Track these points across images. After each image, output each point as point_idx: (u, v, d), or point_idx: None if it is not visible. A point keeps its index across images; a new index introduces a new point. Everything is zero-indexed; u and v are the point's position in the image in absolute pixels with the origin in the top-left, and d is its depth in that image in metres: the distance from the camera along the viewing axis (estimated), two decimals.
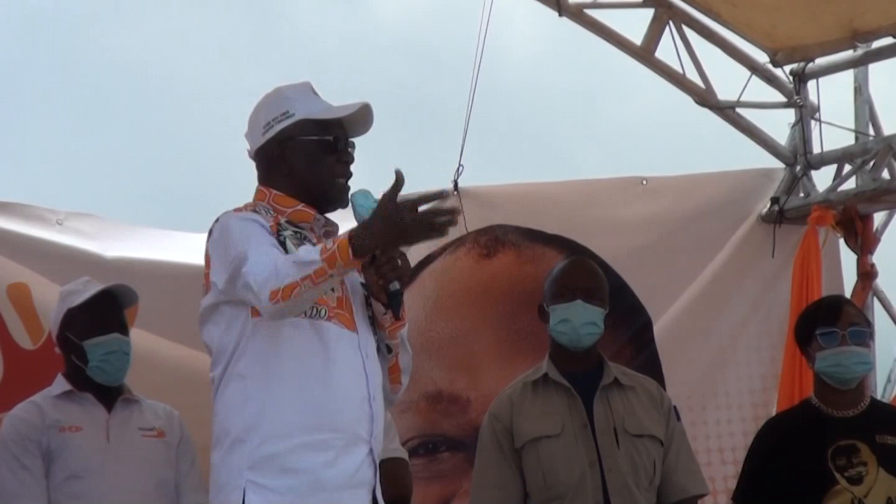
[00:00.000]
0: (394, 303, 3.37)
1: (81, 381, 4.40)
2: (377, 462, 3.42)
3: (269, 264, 3.24)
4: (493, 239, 6.15)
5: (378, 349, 3.48)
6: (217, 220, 3.45)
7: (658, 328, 6.30)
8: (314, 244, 3.39)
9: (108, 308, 4.40)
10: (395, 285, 3.34)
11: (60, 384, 4.42)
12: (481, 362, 6.02)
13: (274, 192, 3.49)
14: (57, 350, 4.51)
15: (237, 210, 3.46)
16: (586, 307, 4.18)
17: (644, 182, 6.49)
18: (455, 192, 6.14)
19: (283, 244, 3.37)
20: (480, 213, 6.15)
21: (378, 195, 3.32)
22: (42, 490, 4.25)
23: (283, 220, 3.44)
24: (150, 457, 4.38)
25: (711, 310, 6.42)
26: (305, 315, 3.34)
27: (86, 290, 4.43)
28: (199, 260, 3.50)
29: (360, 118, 3.52)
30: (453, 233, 6.07)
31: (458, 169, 6.14)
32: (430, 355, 5.97)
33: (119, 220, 5.72)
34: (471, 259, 6.12)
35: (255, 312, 3.34)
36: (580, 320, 4.17)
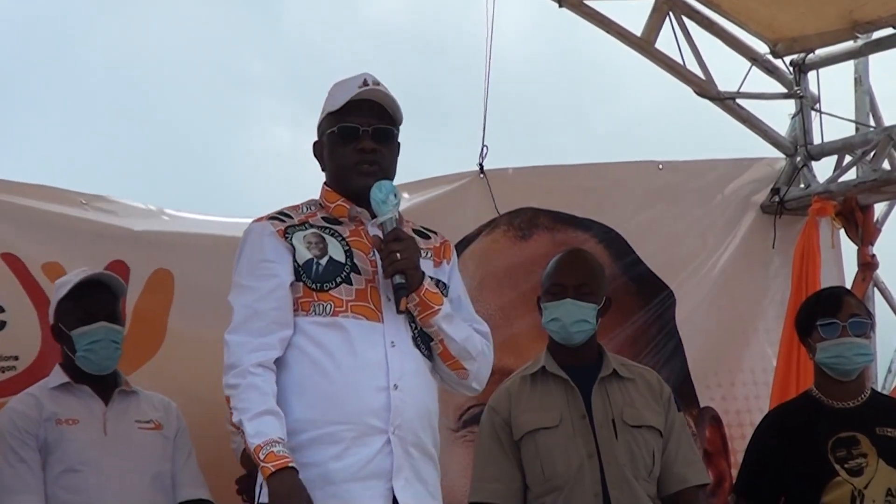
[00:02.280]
0: (396, 295, 3.39)
1: (77, 371, 4.39)
2: (413, 451, 3.39)
3: (237, 352, 3.35)
4: (527, 221, 6.17)
5: (419, 339, 3.48)
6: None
7: (676, 311, 6.33)
8: (343, 238, 3.47)
9: (94, 297, 4.39)
10: (398, 279, 3.38)
11: (58, 375, 4.42)
12: (524, 339, 6.01)
13: (326, 188, 3.57)
14: (57, 342, 4.51)
15: (262, 217, 3.53)
16: (577, 304, 4.18)
17: (660, 167, 6.50)
18: (481, 175, 6.14)
19: (291, 244, 3.43)
20: (508, 195, 6.15)
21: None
22: (39, 483, 4.24)
23: (320, 216, 3.51)
24: (147, 449, 4.38)
25: (710, 300, 6.43)
26: (316, 313, 3.38)
27: (73, 280, 4.43)
28: (231, 232, 3.51)
29: (380, 101, 3.50)
30: (486, 215, 6.14)
31: (482, 151, 6.14)
32: None
33: (141, 204, 5.69)
34: (508, 240, 6.14)
35: None
36: (570, 319, 4.18)
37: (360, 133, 3.46)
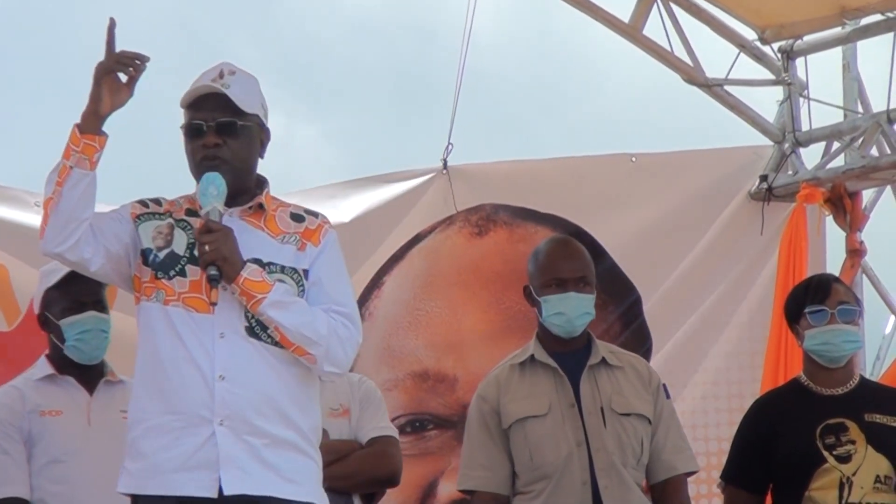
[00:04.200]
0: (208, 286, 3.44)
1: (62, 362, 4.36)
2: (252, 440, 3.42)
3: None
4: (484, 217, 6.14)
5: (256, 328, 3.48)
6: None
7: (647, 304, 6.30)
8: (193, 231, 3.52)
9: (83, 286, 4.36)
10: (210, 270, 3.42)
11: (42, 367, 4.39)
12: (469, 341, 6.02)
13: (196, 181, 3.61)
14: (44, 331, 4.49)
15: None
16: (580, 297, 4.17)
17: (633, 159, 6.48)
18: (444, 171, 6.13)
19: (137, 229, 3.54)
20: (470, 191, 6.14)
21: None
22: (24, 475, 4.22)
23: (185, 208, 3.58)
24: None
25: (699, 286, 6.42)
26: (157, 299, 3.48)
27: (62, 268, 4.40)
28: None
29: (227, 94, 3.53)
30: (443, 212, 6.13)
31: (447, 147, 6.14)
32: (418, 334, 5.97)
33: (99, 203, 5.69)
34: (462, 238, 6.12)
35: (136, 299, 3.55)
36: (575, 312, 4.17)
37: (203, 129, 3.52)
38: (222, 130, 3.52)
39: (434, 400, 5.98)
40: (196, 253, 3.48)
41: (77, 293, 4.36)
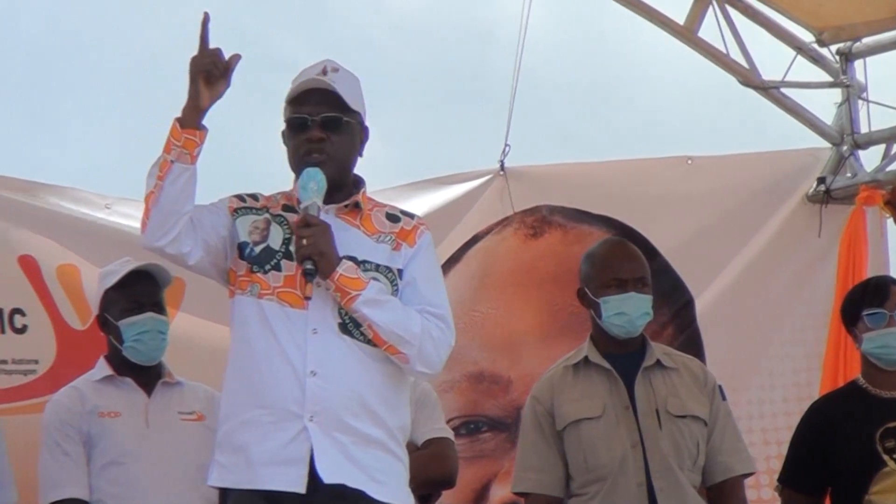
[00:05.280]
0: (303, 281, 3.45)
1: (121, 363, 4.41)
2: (340, 437, 3.43)
3: None
4: (540, 219, 6.15)
5: (349, 325, 3.49)
6: None
7: (701, 307, 6.28)
8: (289, 226, 3.53)
9: (142, 287, 4.41)
10: (307, 265, 3.43)
11: (101, 368, 4.44)
12: (524, 342, 6.02)
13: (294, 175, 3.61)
14: (103, 332, 4.53)
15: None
16: (640, 297, 4.17)
17: (689, 161, 6.46)
18: (501, 173, 6.15)
19: (234, 223, 3.55)
20: (527, 193, 6.15)
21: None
22: (83, 476, 4.27)
23: (282, 203, 3.59)
24: (190, 441, 4.37)
25: (755, 289, 6.39)
26: (251, 293, 3.49)
27: (121, 269, 4.45)
28: None
29: (332, 90, 3.53)
30: (500, 213, 6.14)
31: (504, 149, 6.15)
32: (473, 335, 5.98)
33: None
34: (517, 239, 6.13)
35: (230, 292, 3.55)
36: (637, 312, 4.16)
37: (308, 123, 3.52)
38: (327, 125, 3.52)
39: (488, 402, 5.99)
40: (291, 248, 3.48)
41: (136, 294, 4.40)
